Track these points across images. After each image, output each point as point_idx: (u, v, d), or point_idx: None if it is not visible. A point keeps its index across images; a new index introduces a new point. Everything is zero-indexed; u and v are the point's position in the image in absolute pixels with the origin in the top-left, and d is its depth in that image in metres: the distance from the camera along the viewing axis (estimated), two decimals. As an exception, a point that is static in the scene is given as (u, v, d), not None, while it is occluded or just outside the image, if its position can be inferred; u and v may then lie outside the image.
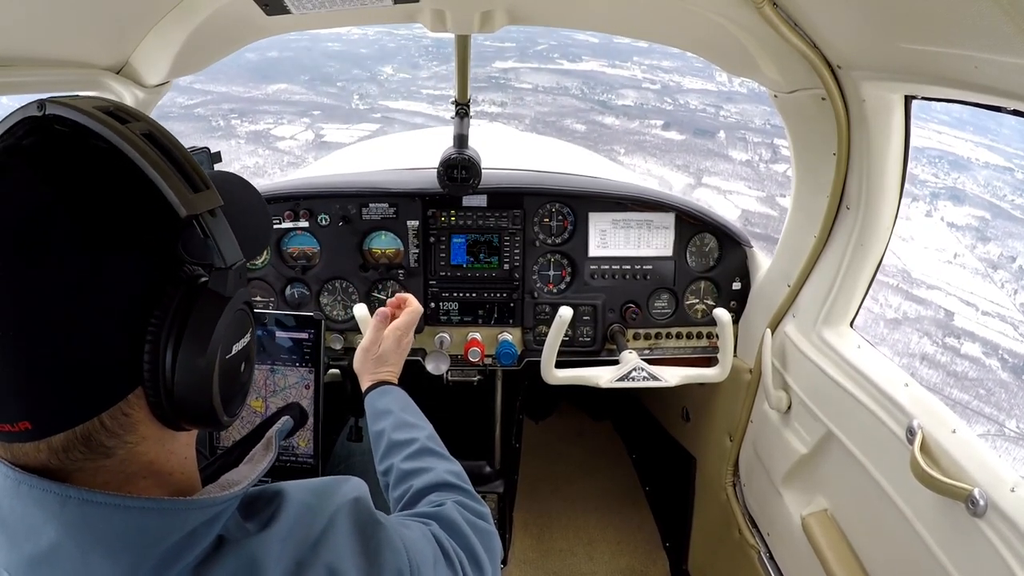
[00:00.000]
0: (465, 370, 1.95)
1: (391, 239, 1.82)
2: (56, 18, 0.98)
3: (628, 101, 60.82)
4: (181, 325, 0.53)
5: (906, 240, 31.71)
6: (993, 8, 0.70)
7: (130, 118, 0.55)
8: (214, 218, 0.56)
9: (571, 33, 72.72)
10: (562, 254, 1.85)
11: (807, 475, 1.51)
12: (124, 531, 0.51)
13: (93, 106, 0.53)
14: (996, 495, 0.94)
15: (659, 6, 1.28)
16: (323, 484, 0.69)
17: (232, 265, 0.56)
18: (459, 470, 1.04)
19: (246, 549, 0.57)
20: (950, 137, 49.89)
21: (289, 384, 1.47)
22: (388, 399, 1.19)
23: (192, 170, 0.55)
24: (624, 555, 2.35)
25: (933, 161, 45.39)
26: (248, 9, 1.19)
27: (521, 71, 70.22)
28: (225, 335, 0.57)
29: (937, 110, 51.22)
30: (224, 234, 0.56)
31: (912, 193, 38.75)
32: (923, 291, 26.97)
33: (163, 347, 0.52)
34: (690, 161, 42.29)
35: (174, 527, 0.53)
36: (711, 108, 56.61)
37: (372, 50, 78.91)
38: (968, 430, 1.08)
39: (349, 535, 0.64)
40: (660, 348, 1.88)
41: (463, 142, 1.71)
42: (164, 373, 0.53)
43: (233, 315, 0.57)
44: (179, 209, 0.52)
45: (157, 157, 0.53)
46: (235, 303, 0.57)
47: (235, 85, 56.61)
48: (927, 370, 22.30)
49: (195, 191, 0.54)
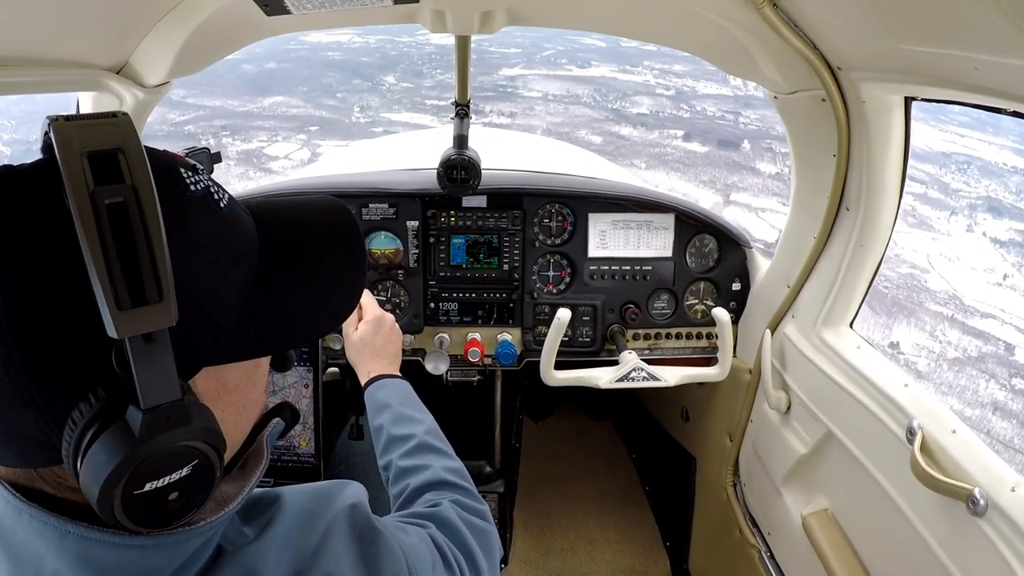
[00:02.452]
0: (465, 370, 1.95)
1: (391, 239, 1.82)
2: (56, 18, 0.97)
3: (643, 109, 58.95)
4: (88, 445, 0.44)
5: (952, 260, 29.23)
6: (993, 9, 0.71)
7: (115, 176, 0.43)
8: (148, 344, 0.43)
9: (578, 37, 70.89)
10: (562, 255, 1.85)
11: (807, 475, 1.52)
12: (125, 566, 0.49)
13: (85, 150, 0.42)
14: (996, 495, 0.94)
15: (659, 7, 1.28)
16: (321, 489, 0.68)
17: (151, 408, 0.44)
18: (458, 466, 1.04)
19: (244, 558, 0.56)
20: (975, 140, 46.60)
21: (288, 384, 1.47)
22: (387, 392, 1.19)
23: (153, 271, 0.43)
24: (625, 555, 2.35)
25: (962, 168, 42.48)
26: (248, 9, 1.19)
27: (529, 78, 68.11)
28: (131, 475, 0.45)
29: (955, 111, 50.62)
30: (156, 365, 0.44)
31: (948, 205, 36.41)
32: (977, 320, 24.02)
33: (75, 455, 0.45)
34: (716, 176, 39.91)
35: (176, 556, 0.52)
36: (729, 115, 54.47)
37: (374, 59, 76.55)
38: (968, 430, 1.08)
39: (347, 543, 0.64)
40: (660, 348, 1.88)
41: (463, 143, 1.71)
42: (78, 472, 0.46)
43: (154, 456, 0.45)
44: (108, 328, 0.41)
45: (109, 251, 0.41)
46: (152, 447, 0.45)
47: (229, 99, 54.09)
48: (1002, 422, 19.15)
49: (137, 304, 0.42)
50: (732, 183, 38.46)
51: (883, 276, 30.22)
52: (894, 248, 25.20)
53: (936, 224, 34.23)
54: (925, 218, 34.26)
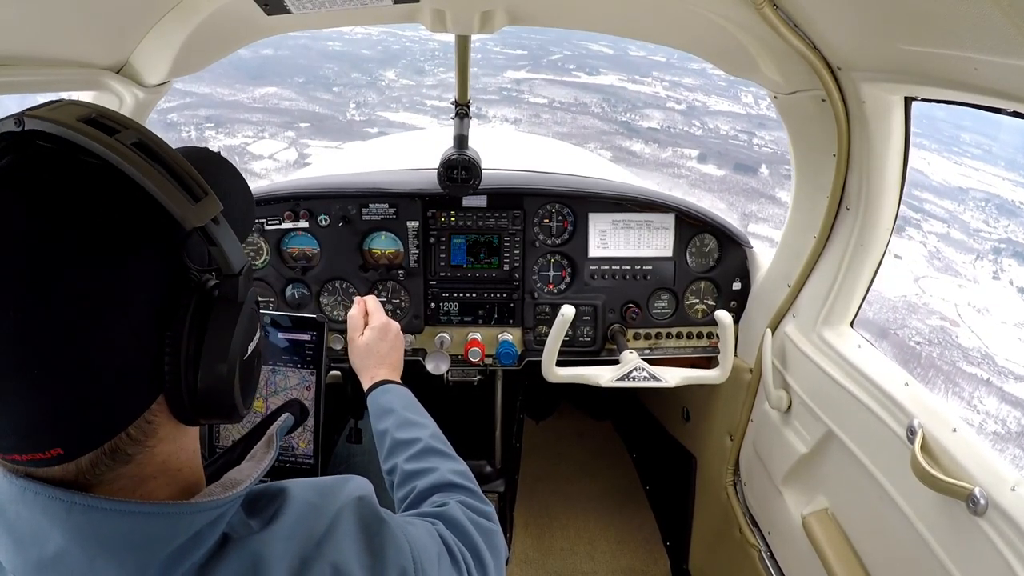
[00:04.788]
0: (465, 370, 1.95)
1: (391, 239, 1.82)
2: (56, 18, 0.97)
3: (654, 123, 56.87)
4: (199, 334, 0.54)
5: (981, 312, 26.96)
6: (993, 9, 0.71)
7: (118, 127, 0.52)
8: (218, 226, 0.55)
9: (585, 42, 68.91)
10: (562, 254, 1.85)
11: (807, 474, 1.52)
12: (130, 535, 0.51)
13: (76, 117, 0.50)
14: (997, 494, 0.94)
15: (659, 6, 1.28)
16: (327, 483, 0.69)
17: (241, 270, 0.57)
18: (463, 469, 1.04)
19: (250, 547, 0.57)
20: (989, 176, 43.79)
21: (290, 385, 1.47)
22: (390, 397, 1.19)
23: (190, 178, 0.54)
24: (625, 554, 2.35)
25: (980, 206, 39.75)
26: (248, 9, 1.19)
27: (535, 83, 66.17)
28: (241, 339, 0.57)
29: (968, 143, 43.88)
30: (229, 240, 0.56)
31: (972, 248, 33.81)
32: (1012, 384, 21.84)
33: (184, 357, 0.53)
34: (734, 203, 37.71)
35: (179, 530, 0.53)
36: (743, 135, 51.68)
37: (375, 52, 73.99)
38: (968, 429, 1.08)
39: (353, 533, 0.64)
40: (660, 348, 1.89)
41: (463, 142, 1.71)
42: (187, 380, 0.54)
43: (247, 318, 0.58)
44: (184, 223, 0.52)
45: (152, 169, 0.51)
46: (247, 307, 0.58)
47: (220, 86, 51.71)
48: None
49: (195, 200, 0.53)
50: (751, 212, 36.27)
51: (913, 329, 24.98)
52: (922, 297, 21.74)
53: (962, 269, 31.79)
54: (950, 262, 31.98)
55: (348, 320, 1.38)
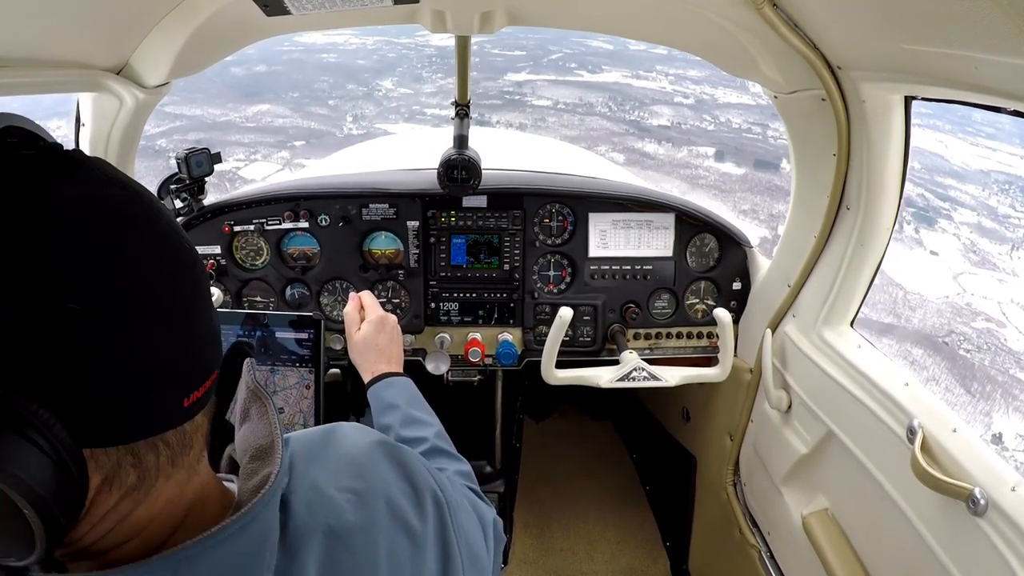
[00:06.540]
0: (465, 370, 1.95)
1: (391, 239, 1.82)
2: (56, 19, 0.98)
3: (664, 120, 55.04)
4: None
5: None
6: (993, 9, 0.71)
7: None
8: None
9: (583, 39, 67.41)
10: (562, 254, 1.85)
11: (807, 475, 1.52)
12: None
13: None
14: (997, 494, 0.94)
15: (659, 6, 1.28)
16: (321, 431, 0.72)
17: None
18: (467, 470, 1.05)
19: (306, 477, 0.61)
20: (1007, 155, 41.74)
21: (289, 384, 1.47)
22: (393, 392, 1.19)
23: None
24: (625, 554, 2.35)
25: (1004, 188, 37.57)
26: (248, 10, 1.19)
27: (538, 84, 64.73)
28: None
29: (980, 121, 40.78)
30: None
31: (1006, 238, 31.72)
32: None
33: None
34: (758, 204, 35.80)
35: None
36: (757, 127, 49.70)
37: (371, 61, 71.88)
38: (969, 429, 1.08)
39: (388, 464, 0.70)
40: (660, 348, 1.88)
41: (463, 143, 1.71)
42: None
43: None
44: None
45: None
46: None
47: (211, 106, 49.61)
48: None
49: None
50: (776, 213, 33.48)
51: (960, 334, 23.50)
52: (963, 296, 20.64)
53: (999, 261, 29.75)
54: (986, 254, 30.18)
55: (344, 317, 1.38)
